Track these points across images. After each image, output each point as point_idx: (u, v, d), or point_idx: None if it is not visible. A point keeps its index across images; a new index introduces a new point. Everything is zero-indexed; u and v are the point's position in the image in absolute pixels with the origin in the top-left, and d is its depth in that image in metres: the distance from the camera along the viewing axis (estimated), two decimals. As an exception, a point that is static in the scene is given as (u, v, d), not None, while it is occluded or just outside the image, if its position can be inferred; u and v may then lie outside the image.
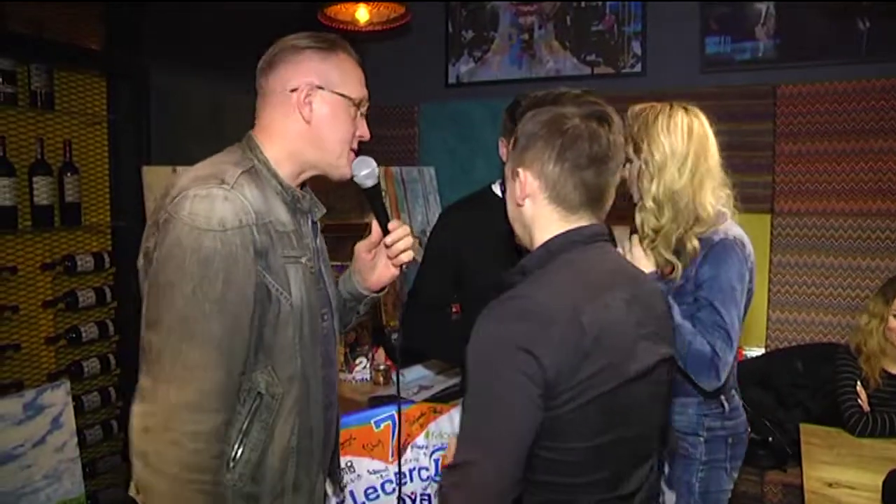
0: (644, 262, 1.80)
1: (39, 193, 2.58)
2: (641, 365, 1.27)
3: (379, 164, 1.56)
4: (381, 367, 2.75)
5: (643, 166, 1.81)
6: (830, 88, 3.01)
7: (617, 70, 3.40)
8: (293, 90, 1.38)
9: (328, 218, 3.14)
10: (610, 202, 1.35)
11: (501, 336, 1.20)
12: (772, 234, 3.12)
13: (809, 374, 2.94)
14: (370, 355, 2.78)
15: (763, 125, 3.12)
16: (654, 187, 1.79)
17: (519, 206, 1.34)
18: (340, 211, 3.21)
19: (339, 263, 2.95)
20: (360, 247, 1.65)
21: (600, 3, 3.43)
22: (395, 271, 1.63)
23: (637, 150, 1.82)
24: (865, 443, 2.31)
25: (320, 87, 1.39)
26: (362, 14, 3.01)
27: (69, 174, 2.68)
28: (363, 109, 1.47)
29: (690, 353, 1.73)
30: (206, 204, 1.24)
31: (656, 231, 1.81)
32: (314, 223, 1.52)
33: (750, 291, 1.84)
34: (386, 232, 1.55)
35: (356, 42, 1.59)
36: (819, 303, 3.06)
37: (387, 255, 1.60)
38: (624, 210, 2.30)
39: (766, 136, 3.12)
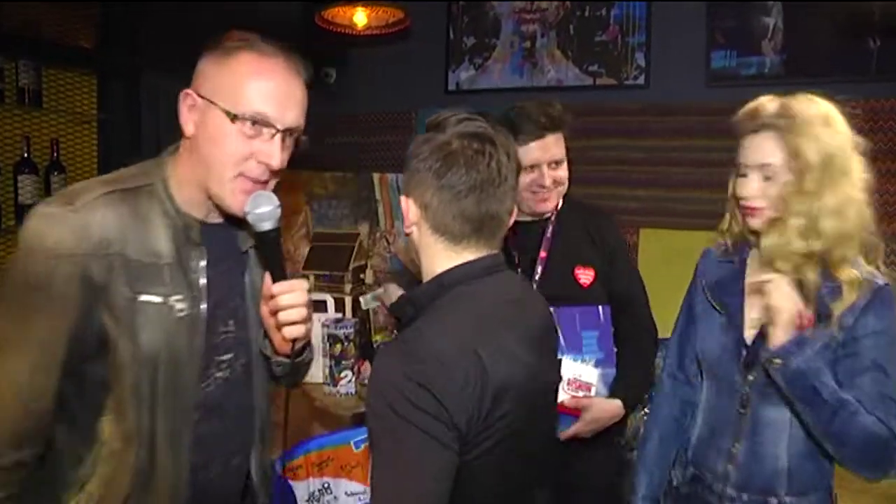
0: (794, 300, 1.35)
1: (24, 192, 2.53)
2: (541, 400, 1.25)
3: (375, 171, 1.40)
4: (367, 382, 2.66)
5: (794, 174, 1.40)
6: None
7: (620, 81, 3.33)
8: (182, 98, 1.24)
9: (320, 226, 3.04)
10: (503, 229, 1.27)
11: (400, 377, 1.09)
12: (773, 253, 3.04)
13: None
14: (355, 369, 2.71)
15: (767, 142, 3.04)
16: (809, 200, 1.38)
17: (408, 234, 1.28)
18: (332, 219, 3.15)
19: (326, 273, 2.90)
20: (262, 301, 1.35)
21: (604, 12, 3.36)
22: (287, 346, 1.31)
23: (794, 155, 1.40)
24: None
25: (202, 97, 1.22)
26: (360, 18, 2.95)
27: (56, 173, 2.62)
28: (269, 131, 1.22)
29: (860, 436, 1.30)
30: (43, 224, 1.14)
31: (808, 256, 1.38)
32: (244, 253, 1.34)
33: None
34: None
35: (354, 46, 1.51)
36: (820, 325, 2.98)
37: (274, 323, 1.30)
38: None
39: (771, 154, 3.04)
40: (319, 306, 2.57)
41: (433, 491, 1.08)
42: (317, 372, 2.42)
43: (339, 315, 2.51)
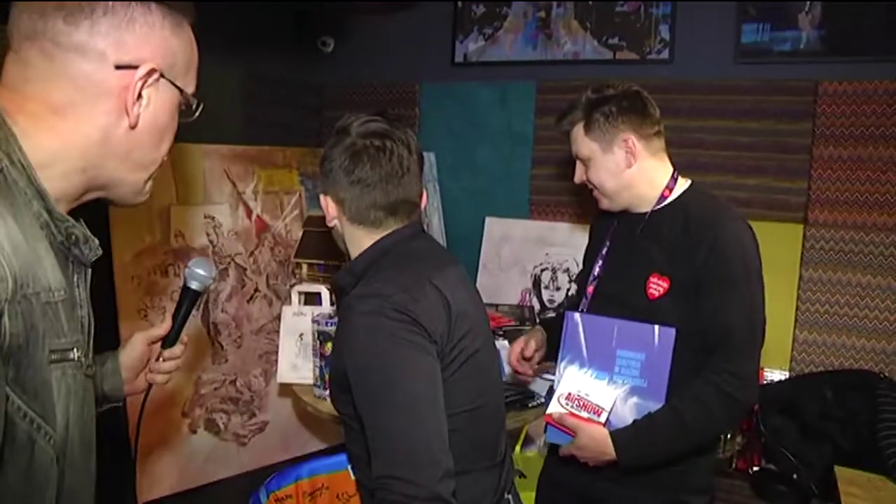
0: None
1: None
2: (488, 337, 1.45)
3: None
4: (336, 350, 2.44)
5: None
6: (881, 88, 2.69)
7: (642, 56, 3.07)
8: (124, 67, 0.88)
9: (315, 208, 2.75)
10: (416, 210, 1.43)
11: (376, 316, 1.22)
12: (803, 246, 2.82)
13: (839, 404, 2.66)
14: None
15: (801, 125, 2.80)
16: None
17: (331, 227, 1.44)
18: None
19: (321, 262, 2.67)
20: (142, 337, 1.38)
21: (626, -20, 3.09)
22: (145, 385, 1.39)
23: None
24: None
25: (162, 75, 0.92)
26: (361, -20, 2.68)
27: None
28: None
29: None
30: None
31: None
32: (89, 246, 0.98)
33: None
34: (171, 343, 1.37)
35: (354, 13, 1.40)
36: (852, 325, 2.77)
37: (148, 366, 1.38)
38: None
39: (804, 138, 2.80)
40: (313, 299, 2.33)
41: (431, 394, 1.19)
42: (307, 373, 2.20)
43: (333, 309, 2.27)
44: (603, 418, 1.69)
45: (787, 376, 2.83)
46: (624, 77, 3.07)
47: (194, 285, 1.34)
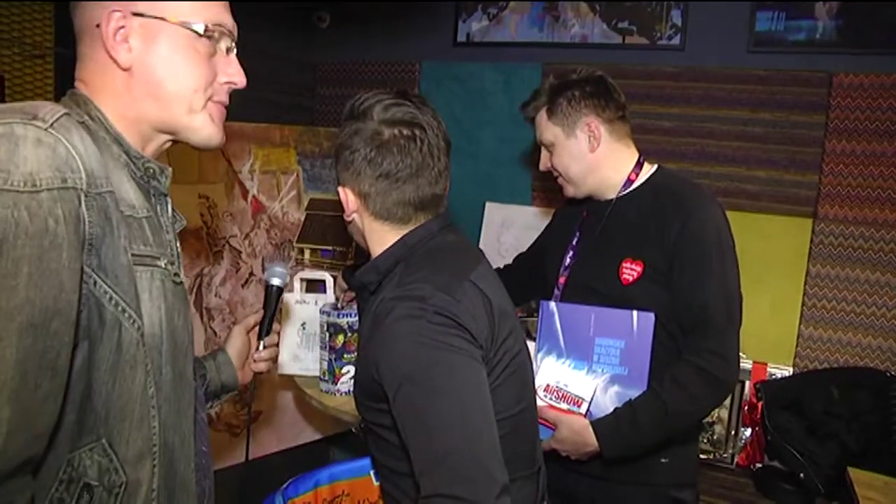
0: None
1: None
2: (519, 327, 1.33)
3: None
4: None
5: None
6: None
7: (652, 41, 2.99)
8: (98, 25, 0.99)
9: (313, 189, 2.66)
10: (443, 202, 1.33)
11: (416, 320, 1.11)
12: (812, 241, 2.77)
13: (845, 402, 2.63)
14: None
15: (813, 118, 2.75)
16: None
17: (349, 221, 1.34)
18: (326, 181, 2.78)
19: (327, 248, 2.55)
20: (240, 328, 1.50)
21: (637, -38, 3.00)
22: (251, 376, 1.49)
23: None
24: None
25: (137, 14, 0.99)
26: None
27: (3, 116, 2.21)
28: (226, 43, 1.08)
29: None
30: (5, 148, 0.78)
31: None
32: (165, 195, 1.10)
33: None
34: (267, 332, 1.48)
35: None
36: (859, 322, 2.74)
37: (250, 356, 1.49)
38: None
39: (816, 131, 2.74)
40: (318, 287, 2.21)
41: (481, 403, 1.09)
42: (313, 365, 2.09)
43: (343, 298, 2.16)
44: (583, 409, 1.65)
45: (791, 372, 2.79)
46: (633, 62, 3.00)
47: (276, 282, 1.48)
